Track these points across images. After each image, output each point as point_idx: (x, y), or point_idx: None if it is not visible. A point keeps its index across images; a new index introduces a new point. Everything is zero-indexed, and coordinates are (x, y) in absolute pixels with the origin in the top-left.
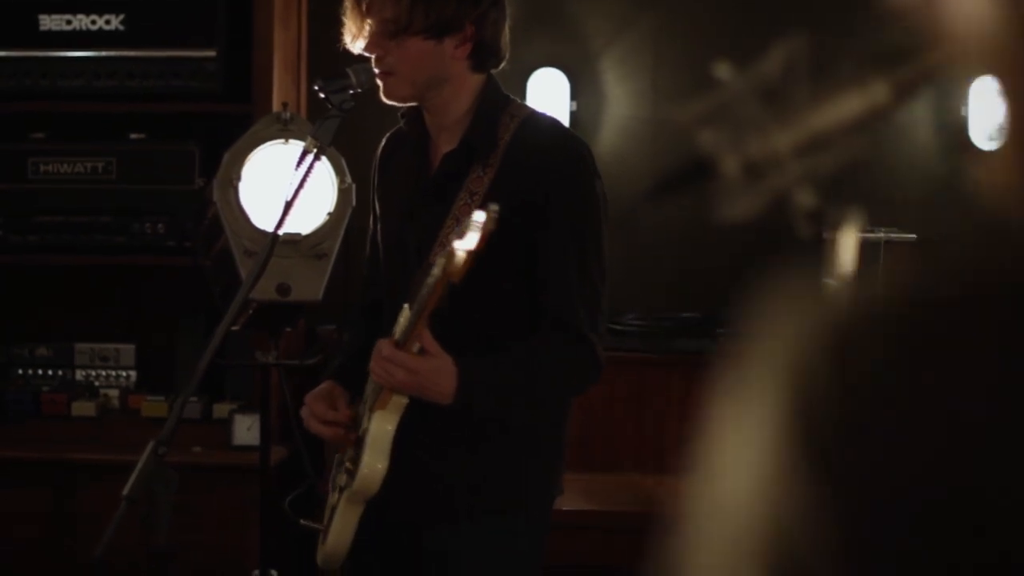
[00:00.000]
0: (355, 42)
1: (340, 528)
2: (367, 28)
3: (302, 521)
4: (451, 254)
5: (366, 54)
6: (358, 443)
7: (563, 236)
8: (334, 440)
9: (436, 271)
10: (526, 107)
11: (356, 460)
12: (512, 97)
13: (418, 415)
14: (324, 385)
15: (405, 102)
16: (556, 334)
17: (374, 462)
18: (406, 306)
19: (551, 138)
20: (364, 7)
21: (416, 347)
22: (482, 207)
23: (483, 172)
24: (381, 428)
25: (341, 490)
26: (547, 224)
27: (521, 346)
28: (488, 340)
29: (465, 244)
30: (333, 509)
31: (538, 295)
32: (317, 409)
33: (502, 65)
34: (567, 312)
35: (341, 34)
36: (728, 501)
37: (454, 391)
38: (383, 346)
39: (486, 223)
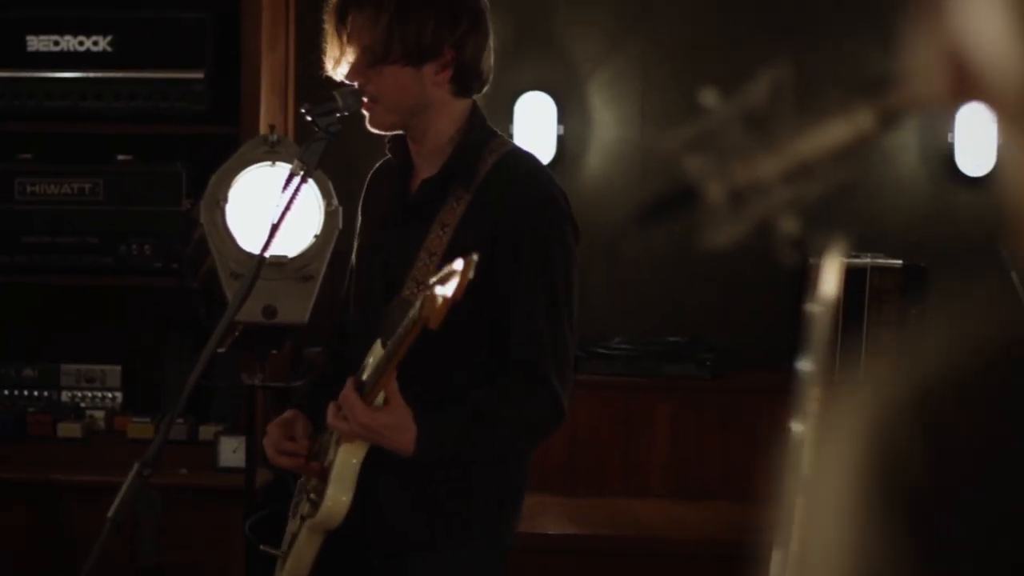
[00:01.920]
0: (336, 68)
1: (298, 557)
2: (347, 56)
3: (262, 547)
4: (431, 299)
5: (347, 81)
6: (323, 474)
7: (532, 278)
8: (292, 469)
9: (413, 313)
10: (509, 143)
11: (320, 491)
12: (497, 132)
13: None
14: (287, 414)
15: (391, 130)
16: (519, 379)
17: (338, 495)
18: (378, 342)
19: (527, 178)
20: (344, 35)
21: (380, 396)
22: (463, 254)
23: (456, 204)
24: (347, 461)
25: (303, 519)
26: (517, 266)
27: (482, 395)
28: (451, 385)
29: (444, 290)
30: (294, 536)
31: (504, 339)
32: (274, 438)
33: (486, 88)
34: (532, 353)
35: (323, 60)
36: (809, 551)
37: (412, 448)
38: (346, 390)
39: (465, 271)
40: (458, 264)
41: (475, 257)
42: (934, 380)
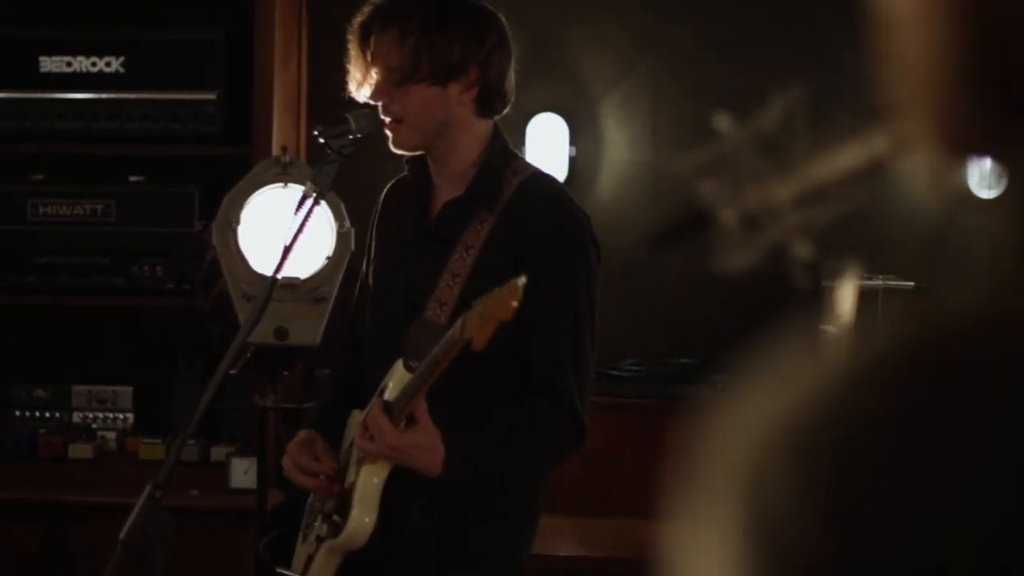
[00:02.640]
0: (360, 89)
1: None
2: (372, 76)
3: (278, 569)
4: (476, 319)
5: (372, 102)
6: (343, 495)
7: (556, 300)
8: (316, 491)
9: (453, 334)
10: (531, 165)
11: (343, 513)
12: (517, 154)
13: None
14: (304, 434)
15: (415, 151)
16: (542, 400)
17: (362, 516)
18: (399, 363)
19: (551, 200)
20: (369, 55)
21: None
22: (507, 278)
23: (480, 226)
24: (369, 482)
25: (319, 539)
26: (540, 287)
27: (508, 416)
28: (476, 406)
29: (492, 312)
30: (310, 558)
31: (528, 358)
32: (300, 460)
33: (507, 109)
34: (556, 376)
35: (342, 79)
36: None
37: (440, 468)
38: (374, 411)
39: (514, 293)
40: (505, 287)
41: (523, 280)
42: (800, 408)
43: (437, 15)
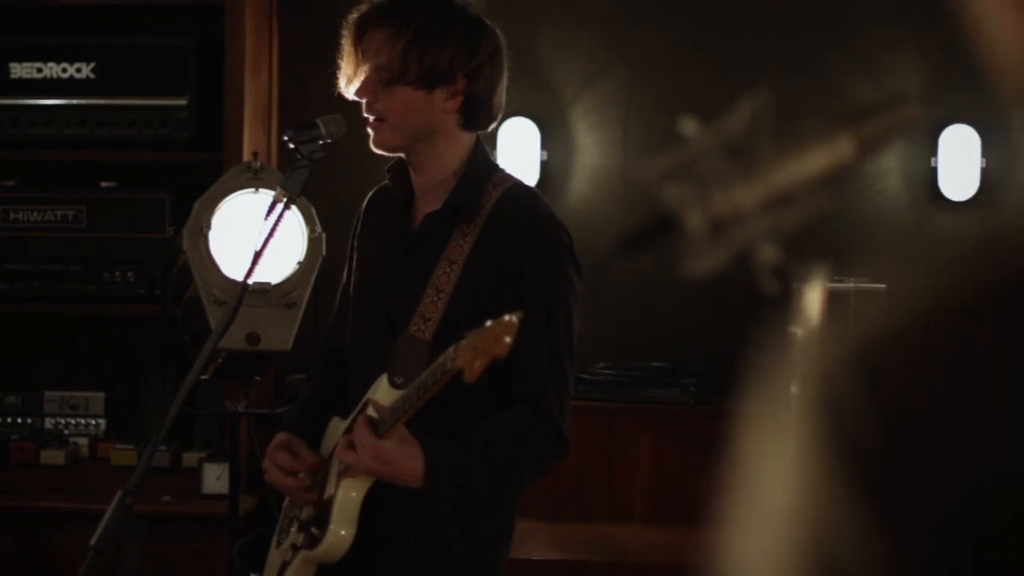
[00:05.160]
0: (349, 86)
1: None
2: (362, 73)
3: (252, 575)
4: (468, 351)
5: (357, 98)
6: (321, 506)
7: (535, 313)
8: (294, 495)
9: (446, 363)
10: (511, 177)
11: (321, 525)
12: (499, 166)
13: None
14: (281, 437)
15: (394, 152)
16: (523, 412)
17: (339, 530)
18: (383, 378)
19: (531, 214)
20: (360, 52)
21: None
22: (489, 294)
23: (463, 240)
24: (348, 496)
25: (294, 547)
26: (520, 300)
27: (487, 426)
28: (451, 416)
29: (486, 347)
30: (284, 564)
31: (506, 372)
32: (280, 459)
33: (493, 125)
34: (535, 388)
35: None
36: (772, 530)
37: (421, 478)
38: (359, 427)
39: (509, 329)
40: (500, 323)
41: (517, 317)
42: (873, 336)
43: (433, 20)
